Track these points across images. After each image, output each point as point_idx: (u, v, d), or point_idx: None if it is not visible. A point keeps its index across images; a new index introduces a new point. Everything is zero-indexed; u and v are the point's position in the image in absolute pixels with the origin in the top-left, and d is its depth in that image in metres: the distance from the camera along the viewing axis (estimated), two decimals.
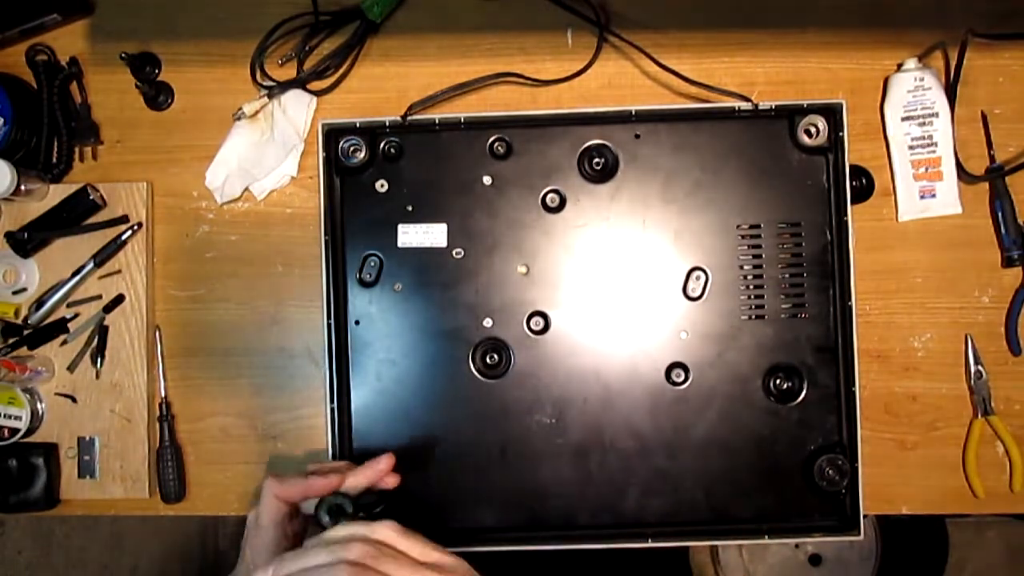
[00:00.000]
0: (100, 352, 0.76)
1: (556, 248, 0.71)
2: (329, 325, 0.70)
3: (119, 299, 0.76)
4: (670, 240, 0.71)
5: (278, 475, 0.58)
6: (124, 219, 0.76)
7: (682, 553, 1.46)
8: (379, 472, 0.59)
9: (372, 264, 0.71)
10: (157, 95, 0.78)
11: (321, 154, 0.71)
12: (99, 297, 0.76)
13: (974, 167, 0.75)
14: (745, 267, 0.70)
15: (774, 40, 0.76)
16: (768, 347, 0.70)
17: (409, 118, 0.72)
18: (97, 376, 0.76)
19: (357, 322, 0.71)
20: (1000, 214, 0.74)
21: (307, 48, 0.76)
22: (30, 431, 0.75)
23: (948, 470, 0.75)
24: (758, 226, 0.70)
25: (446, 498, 0.70)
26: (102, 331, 0.76)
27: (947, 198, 0.74)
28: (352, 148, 0.71)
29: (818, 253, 0.70)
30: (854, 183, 0.72)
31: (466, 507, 0.70)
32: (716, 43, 0.76)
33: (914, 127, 0.74)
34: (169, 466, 0.75)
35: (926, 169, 0.74)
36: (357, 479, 0.59)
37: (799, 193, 0.70)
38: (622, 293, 0.70)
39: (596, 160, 0.70)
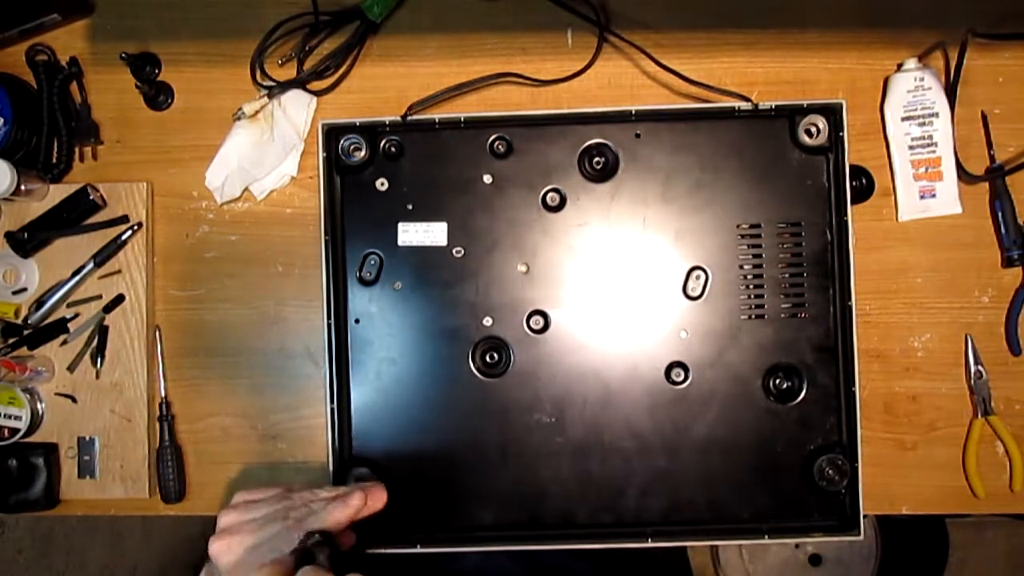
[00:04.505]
0: (100, 352, 0.76)
1: (556, 247, 0.71)
2: (329, 324, 0.70)
3: (119, 299, 0.76)
4: (670, 240, 0.70)
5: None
6: (124, 219, 0.76)
7: (682, 553, 1.45)
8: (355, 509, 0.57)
9: (372, 263, 0.71)
10: (157, 95, 0.78)
11: (321, 153, 0.71)
12: (99, 297, 0.76)
13: (974, 167, 0.75)
14: (745, 267, 0.70)
15: (774, 40, 0.76)
16: (768, 347, 0.70)
17: (409, 117, 0.72)
18: (97, 376, 0.76)
19: (357, 321, 0.71)
20: (1000, 214, 0.74)
21: (307, 48, 0.76)
22: (30, 431, 0.75)
23: (948, 470, 0.75)
24: (758, 226, 0.70)
25: (446, 497, 0.70)
26: (102, 331, 0.76)
27: (947, 198, 0.74)
28: (352, 146, 0.71)
29: (818, 253, 0.70)
30: (854, 183, 0.72)
31: (466, 506, 0.70)
32: (716, 43, 0.76)
33: (914, 127, 0.74)
34: (169, 466, 0.75)
35: (926, 169, 0.74)
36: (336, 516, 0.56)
37: (799, 193, 0.70)
38: (622, 292, 0.70)
39: (596, 159, 0.70)
